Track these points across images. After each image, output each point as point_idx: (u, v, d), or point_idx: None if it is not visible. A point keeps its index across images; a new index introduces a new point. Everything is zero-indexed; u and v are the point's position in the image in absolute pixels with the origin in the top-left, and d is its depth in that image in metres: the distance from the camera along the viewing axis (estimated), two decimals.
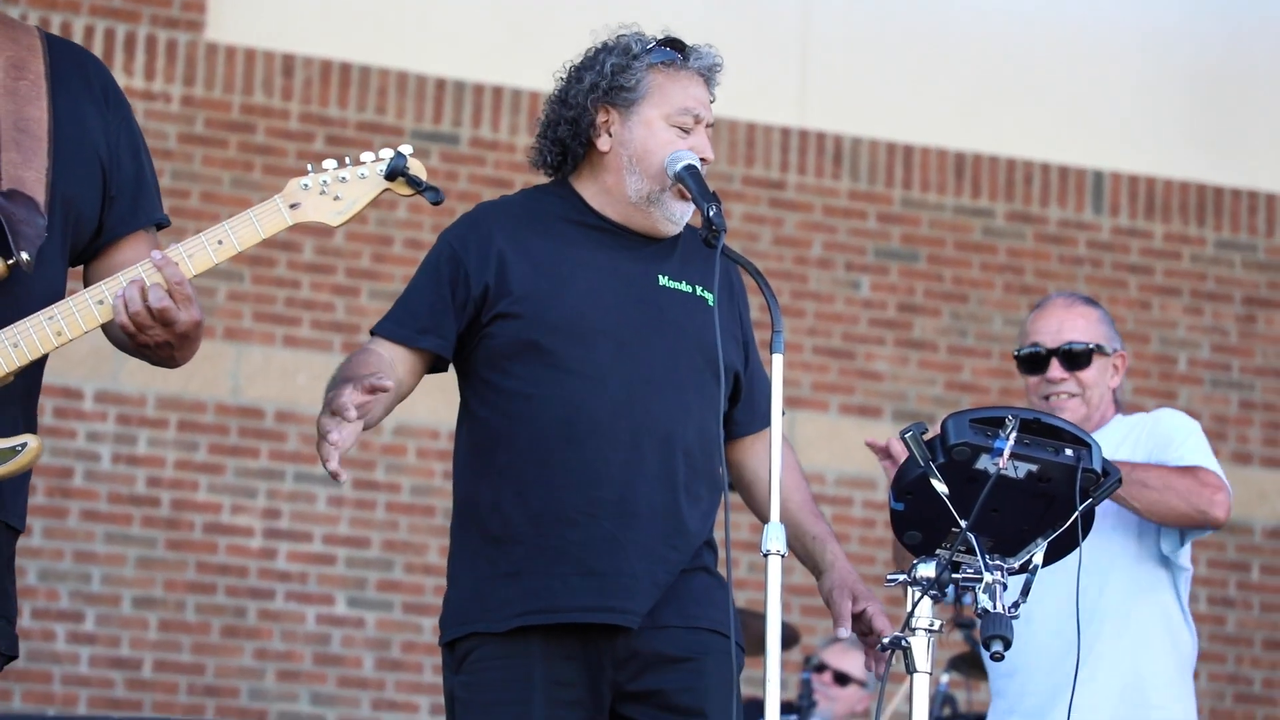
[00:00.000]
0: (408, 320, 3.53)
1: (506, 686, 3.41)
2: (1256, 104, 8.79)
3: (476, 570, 3.48)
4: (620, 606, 3.39)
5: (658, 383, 3.47)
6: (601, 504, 3.42)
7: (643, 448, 3.44)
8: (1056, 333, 4.35)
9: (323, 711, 7.60)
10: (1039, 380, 4.34)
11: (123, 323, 3.03)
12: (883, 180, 8.43)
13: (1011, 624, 3.20)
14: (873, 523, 8.08)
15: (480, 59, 8.07)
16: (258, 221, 3.13)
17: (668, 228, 3.56)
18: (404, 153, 3.20)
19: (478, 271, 3.50)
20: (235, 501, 7.65)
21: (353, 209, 3.18)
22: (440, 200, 3.20)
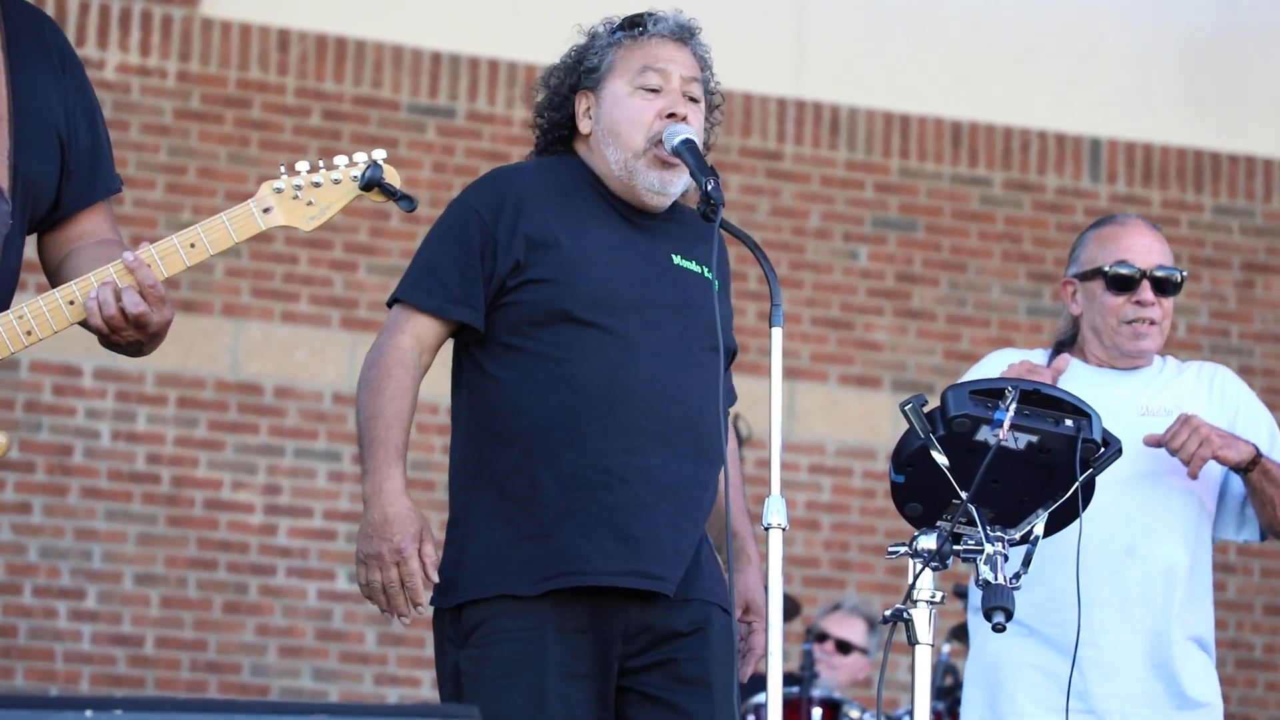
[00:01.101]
0: (438, 290, 3.48)
1: (521, 660, 3.38)
2: (1253, 69, 8.77)
3: (494, 533, 3.43)
4: (654, 572, 3.39)
5: (681, 359, 3.48)
6: (636, 470, 3.41)
7: (674, 420, 3.44)
8: (1147, 253, 4.08)
9: (325, 687, 7.61)
10: (1124, 301, 4.04)
11: (97, 325, 3.07)
12: (880, 150, 8.42)
13: (1012, 595, 3.20)
14: (873, 493, 8.09)
15: (476, 32, 8.06)
16: (231, 226, 3.15)
17: (652, 199, 3.54)
18: (379, 161, 3.20)
19: (507, 241, 3.47)
20: (235, 478, 7.65)
21: (325, 215, 3.20)
22: (413, 208, 3.21)
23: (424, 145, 7.94)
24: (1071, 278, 4.14)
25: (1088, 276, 4.09)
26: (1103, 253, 4.09)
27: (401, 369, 3.48)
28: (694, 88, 3.57)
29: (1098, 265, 4.07)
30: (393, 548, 3.36)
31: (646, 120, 3.52)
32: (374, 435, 3.46)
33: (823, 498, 8.15)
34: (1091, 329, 4.11)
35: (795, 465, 8.05)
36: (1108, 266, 4.05)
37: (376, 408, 3.47)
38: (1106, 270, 4.04)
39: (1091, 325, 4.10)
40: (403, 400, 3.47)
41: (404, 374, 3.48)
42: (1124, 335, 4.05)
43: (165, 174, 7.66)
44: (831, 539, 8.14)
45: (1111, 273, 4.04)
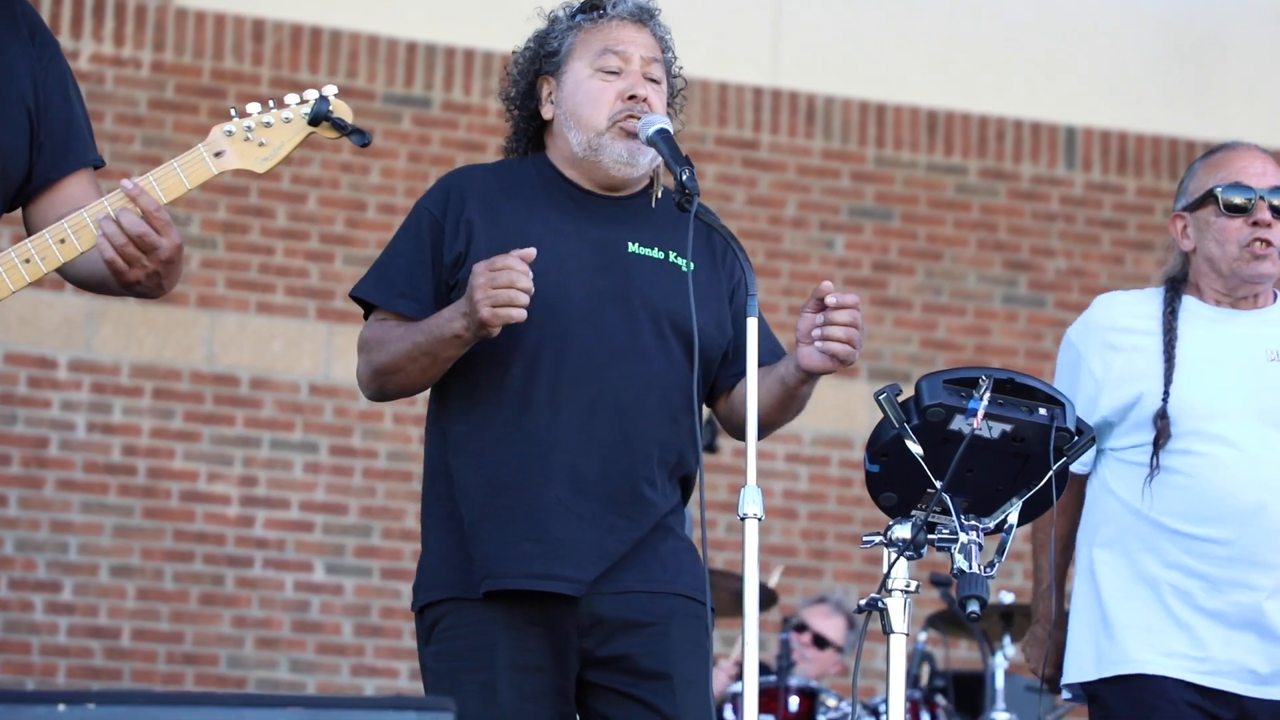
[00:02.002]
0: (385, 285, 3.53)
1: (472, 654, 3.42)
2: (1227, 57, 8.79)
3: (440, 537, 3.49)
4: (565, 575, 3.39)
5: (619, 351, 3.45)
6: (555, 470, 3.41)
7: (599, 416, 3.43)
8: (1262, 175, 3.86)
9: (302, 678, 7.61)
10: (1240, 225, 3.84)
11: (110, 259, 3.01)
12: (855, 139, 8.42)
13: (987, 583, 3.20)
14: (850, 481, 8.10)
15: (452, 22, 8.04)
16: (183, 173, 3.09)
17: (622, 170, 3.53)
18: (327, 95, 3.17)
19: (451, 239, 3.51)
20: (212, 469, 7.64)
21: (279, 154, 3.15)
22: (367, 142, 3.18)
23: (400, 135, 7.93)
24: (1180, 211, 3.93)
25: (1199, 204, 3.89)
26: (1214, 177, 3.88)
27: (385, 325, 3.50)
28: (654, 69, 3.57)
29: (1209, 189, 3.86)
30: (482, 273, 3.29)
31: (607, 100, 3.52)
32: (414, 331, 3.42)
33: (800, 487, 8.16)
34: (1206, 260, 3.88)
35: (772, 454, 8.06)
36: (1221, 189, 3.85)
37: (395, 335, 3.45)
38: (1219, 193, 3.84)
39: (1206, 256, 3.89)
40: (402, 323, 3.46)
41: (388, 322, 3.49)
42: (1243, 260, 3.85)
43: (140, 164, 7.63)
44: (809, 528, 8.15)
45: (1225, 195, 3.83)
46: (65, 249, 3.03)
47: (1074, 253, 8.55)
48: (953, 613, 6.41)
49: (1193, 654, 3.77)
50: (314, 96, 3.16)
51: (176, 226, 3.05)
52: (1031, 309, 8.46)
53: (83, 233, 3.03)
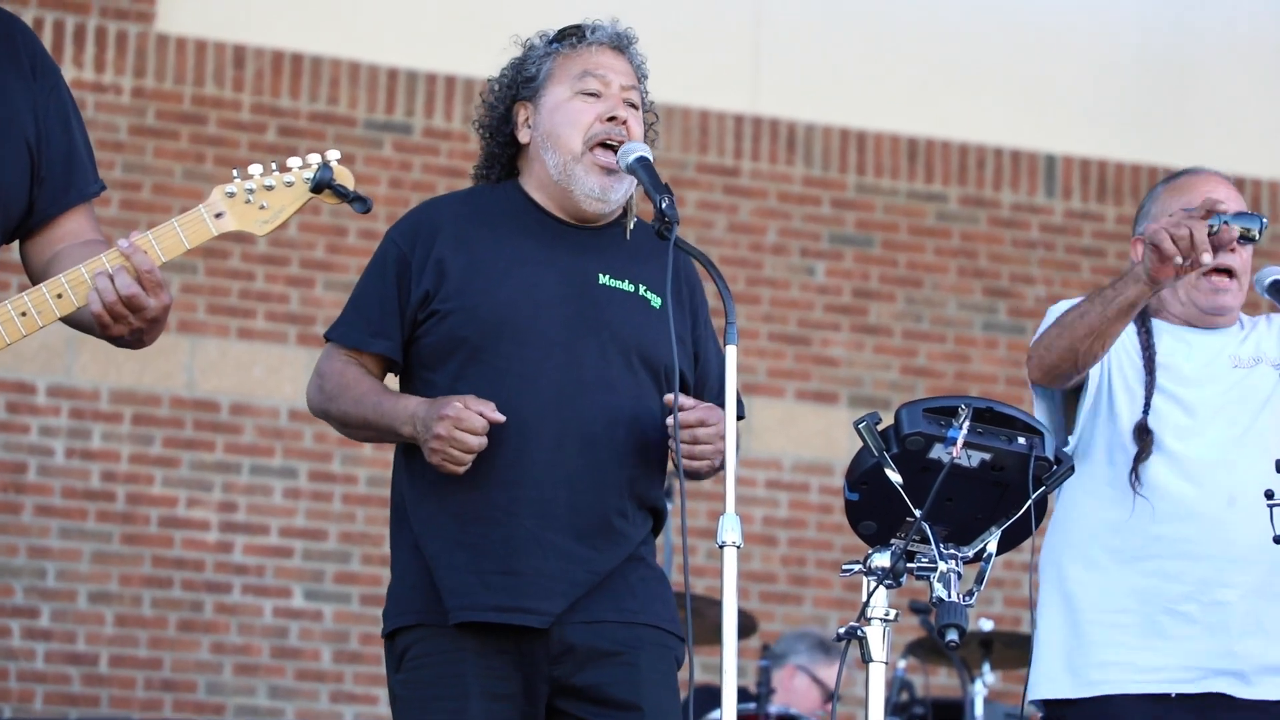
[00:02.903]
0: (360, 324, 3.55)
1: (442, 683, 3.42)
2: (1204, 87, 8.83)
3: (409, 563, 3.50)
4: (534, 607, 3.40)
5: (587, 383, 3.46)
6: (523, 503, 3.42)
7: (567, 448, 3.43)
8: (1225, 200, 3.82)
9: (281, 705, 7.58)
10: None
11: (97, 313, 3.02)
12: (836, 166, 8.44)
13: (966, 612, 3.21)
14: (830, 508, 8.10)
15: (432, 48, 8.05)
16: (182, 233, 3.11)
17: (593, 205, 3.54)
18: (330, 162, 3.18)
19: (419, 271, 3.51)
20: (191, 495, 7.62)
21: (279, 218, 3.16)
22: (368, 209, 3.20)
23: (381, 161, 7.93)
24: (1142, 235, 3.90)
25: None
26: (1177, 201, 3.87)
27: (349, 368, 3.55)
28: (633, 95, 3.59)
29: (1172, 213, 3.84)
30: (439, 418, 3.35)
31: (586, 122, 3.53)
32: (371, 405, 3.48)
33: (780, 513, 8.16)
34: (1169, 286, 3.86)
35: (752, 480, 8.06)
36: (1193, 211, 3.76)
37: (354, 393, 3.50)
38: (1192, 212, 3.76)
39: None
40: (369, 379, 3.52)
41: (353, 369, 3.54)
42: (1202, 290, 3.86)
43: (120, 190, 7.63)
44: (788, 554, 8.15)
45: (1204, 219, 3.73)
46: (62, 304, 3.05)
47: (1054, 280, 8.57)
48: (932, 640, 6.41)
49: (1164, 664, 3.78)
50: (317, 162, 3.17)
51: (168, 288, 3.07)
52: (1011, 336, 8.48)
53: (79, 289, 3.05)
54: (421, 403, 3.42)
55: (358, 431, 3.55)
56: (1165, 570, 3.80)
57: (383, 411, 3.45)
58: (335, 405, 3.52)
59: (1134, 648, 3.80)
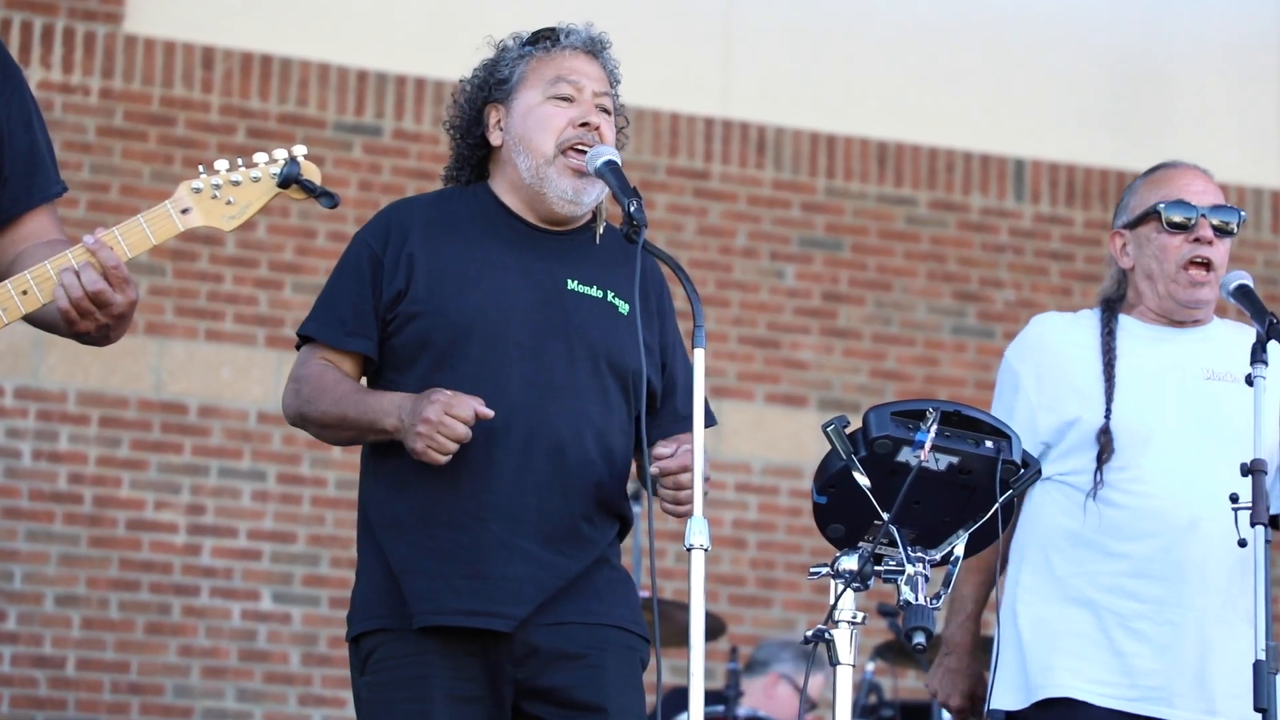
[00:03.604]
0: (335, 323, 3.53)
1: (407, 685, 3.42)
2: (1175, 91, 8.86)
3: (372, 570, 3.50)
4: (500, 611, 3.40)
5: (556, 388, 3.46)
6: (490, 508, 3.42)
7: (535, 453, 3.43)
8: (1204, 193, 3.86)
9: (249, 708, 7.57)
10: (1180, 242, 3.84)
11: (64, 309, 3.01)
12: (806, 169, 8.45)
13: (933, 614, 3.21)
14: (799, 511, 8.11)
15: (402, 50, 8.04)
16: (149, 228, 3.10)
17: (565, 207, 3.54)
18: (297, 157, 3.17)
19: (391, 270, 3.51)
20: (159, 497, 7.60)
21: (245, 213, 3.16)
22: (335, 204, 3.19)
23: (350, 164, 7.92)
24: (1120, 228, 3.95)
25: (1140, 221, 3.90)
26: (1156, 194, 3.88)
27: (327, 371, 3.52)
28: (606, 100, 3.59)
29: (1151, 205, 3.87)
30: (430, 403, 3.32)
31: (558, 126, 3.53)
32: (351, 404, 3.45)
33: (749, 516, 8.17)
34: (1146, 277, 3.90)
35: (722, 484, 8.06)
36: (1163, 205, 3.84)
37: (333, 395, 3.47)
38: (1162, 209, 3.84)
39: (1146, 273, 3.90)
40: (347, 381, 3.49)
41: (331, 372, 3.51)
42: (1180, 282, 3.85)
43: (88, 191, 7.61)
44: (758, 557, 8.15)
45: (1167, 212, 3.83)
46: (28, 300, 3.04)
47: (1023, 284, 8.59)
48: (900, 643, 6.42)
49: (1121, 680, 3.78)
50: (284, 157, 3.17)
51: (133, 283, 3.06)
52: (980, 340, 8.50)
53: (45, 285, 3.04)
54: (408, 395, 3.40)
55: (337, 432, 3.51)
56: (1122, 587, 3.79)
57: (365, 407, 3.42)
58: (314, 408, 3.49)
59: (1088, 658, 3.79)
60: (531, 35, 3.61)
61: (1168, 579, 3.77)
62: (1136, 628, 3.77)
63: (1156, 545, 3.78)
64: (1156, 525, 3.78)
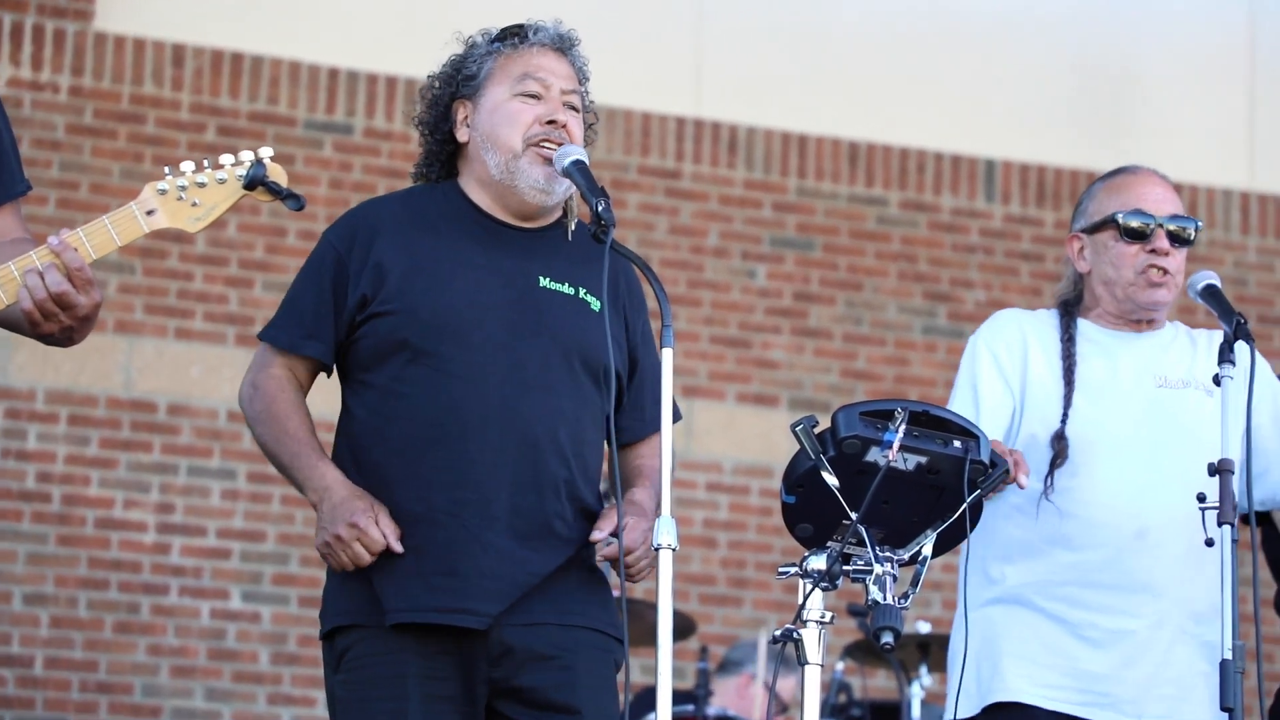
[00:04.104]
0: (293, 327, 3.54)
1: (384, 684, 3.42)
2: (1143, 92, 8.89)
3: None
4: (474, 609, 3.40)
5: (530, 385, 3.46)
6: (465, 505, 3.42)
7: (510, 451, 3.43)
8: (1161, 202, 3.88)
9: (218, 707, 7.55)
10: (1137, 251, 3.86)
11: (27, 310, 3.01)
12: (778, 169, 8.46)
13: (901, 614, 3.22)
14: (769, 510, 8.11)
15: (373, 49, 8.03)
16: (114, 230, 3.10)
17: (537, 196, 3.54)
18: (263, 159, 3.17)
19: (357, 274, 3.51)
20: (128, 496, 7.57)
21: (211, 215, 3.16)
22: (301, 206, 3.19)
23: (321, 162, 7.90)
24: (1078, 233, 3.96)
25: (1098, 228, 3.92)
26: (1114, 201, 3.90)
27: (282, 391, 3.52)
28: (573, 98, 3.59)
29: (1109, 214, 3.89)
30: (349, 523, 3.38)
31: (525, 122, 3.53)
32: (290, 451, 3.49)
33: (720, 515, 8.17)
34: (1103, 283, 3.93)
35: (693, 483, 8.07)
36: (1121, 215, 3.86)
37: (278, 429, 3.50)
38: (1120, 218, 3.86)
39: (1103, 279, 3.92)
40: (298, 414, 3.52)
41: (286, 394, 3.51)
42: (1139, 286, 3.87)
43: (57, 189, 7.58)
44: (728, 557, 8.16)
45: (1125, 221, 3.85)
46: None
47: (993, 284, 8.61)
48: (870, 642, 6.43)
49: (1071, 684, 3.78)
50: (249, 159, 3.17)
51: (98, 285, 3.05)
52: (951, 340, 8.51)
53: (9, 286, 3.04)
54: (341, 484, 3.42)
55: (278, 469, 3.56)
56: (1071, 595, 3.79)
57: (298, 468, 3.46)
58: (258, 428, 3.53)
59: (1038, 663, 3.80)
60: (500, 32, 3.61)
61: (1117, 587, 3.78)
62: (1086, 635, 3.78)
63: (1106, 554, 3.79)
64: (1106, 534, 3.79)
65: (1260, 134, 8.95)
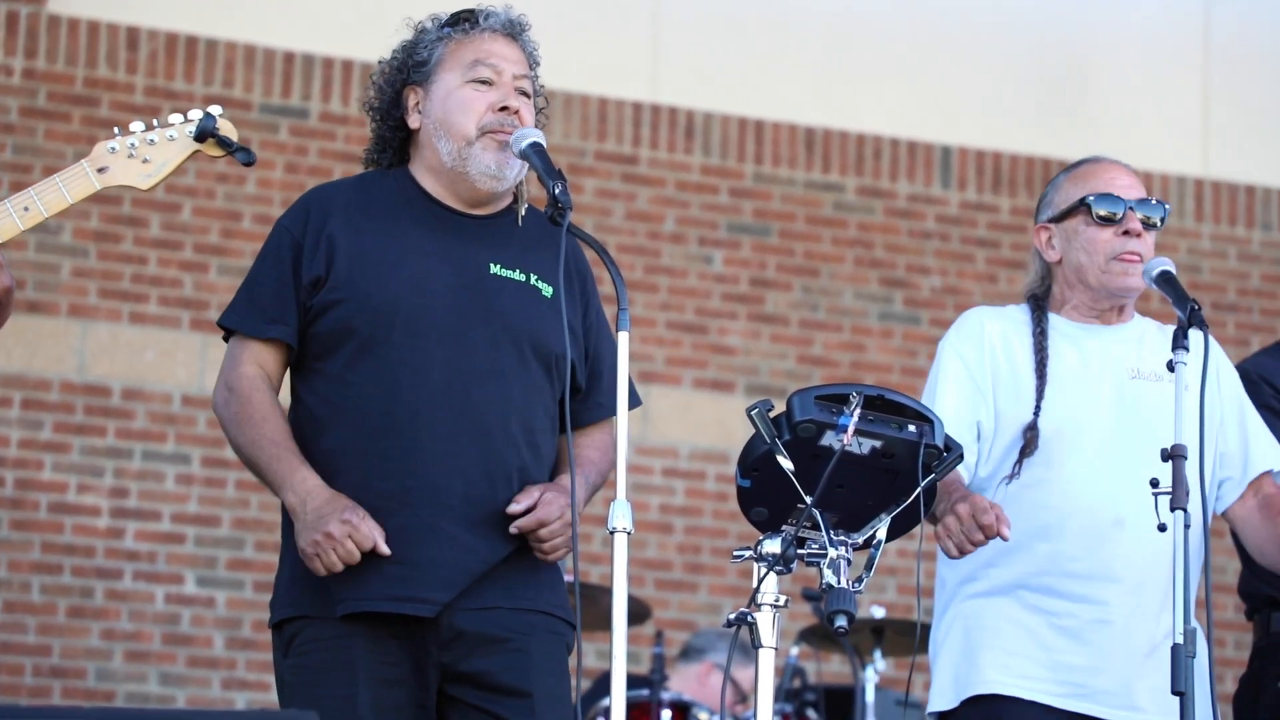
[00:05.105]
0: (255, 312, 3.52)
1: (333, 669, 3.42)
2: (1099, 80, 8.92)
3: (296, 556, 3.48)
4: (425, 596, 3.40)
5: (480, 372, 3.46)
6: (416, 493, 3.42)
7: (460, 438, 3.43)
8: (1130, 187, 3.89)
9: (172, 691, 7.53)
10: (1110, 235, 3.86)
11: None
12: (734, 155, 8.46)
13: (855, 598, 3.22)
14: (725, 496, 8.12)
15: (329, 32, 8.00)
16: (65, 187, 3.09)
17: (488, 183, 3.54)
18: (213, 113, 3.17)
19: (310, 258, 3.50)
20: (82, 480, 7.54)
21: (162, 171, 3.16)
22: (252, 161, 3.19)
23: (277, 146, 7.87)
24: (1046, 223, 3.94)
25: (1067, 214, 3.91)
26: (1083, 188, 3.90)
27: (257, 392, 3.49)
28: (525, 83, 3.59)
29: (1080, 199, 3.88)
30: (341, 520, 3.35)
31: (479, 110, 3.53)
32: (268, 455, 3.46)
33: (676, 501, 8.18)
34: (1074, 270, 3.90)
35: (649, 468, 8.07)
36: (1092, 198, 3.85)
37: (254, 433, 3.47)
38: (1090, 202, 3.86)
39: (1074, 266, 3.91)
40: (275, 416, 3.49)
41: (261, 395, 3.48)
42: (1113, 272, 3.86)
43: (10, 172, 7.54)
44: (684, 542, 8.17)
45: (1096, 205, 3.85)
46: None
47: (949, 270, 8.63)
48: (825, 627, 6.44)
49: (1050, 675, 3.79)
50: (199, 115, 3.16)
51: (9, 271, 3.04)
52: (907, 326, 8.53)
53: None
54: (321, 489, 3.40)
55: (251, 470, 3.53)
56: (1049, 585, 3.80)
57: (276, 471, 3.42)
58: (234, 433, 3.49)
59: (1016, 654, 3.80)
60: (450, 17, 3.61)
61: (1094, 577, 3.79)
62: (1064, 625, 3.78)
63: (1083, 544, 3.79)
64: (1083, 524, 3.79)
65: (1214, 122, 8.99)
